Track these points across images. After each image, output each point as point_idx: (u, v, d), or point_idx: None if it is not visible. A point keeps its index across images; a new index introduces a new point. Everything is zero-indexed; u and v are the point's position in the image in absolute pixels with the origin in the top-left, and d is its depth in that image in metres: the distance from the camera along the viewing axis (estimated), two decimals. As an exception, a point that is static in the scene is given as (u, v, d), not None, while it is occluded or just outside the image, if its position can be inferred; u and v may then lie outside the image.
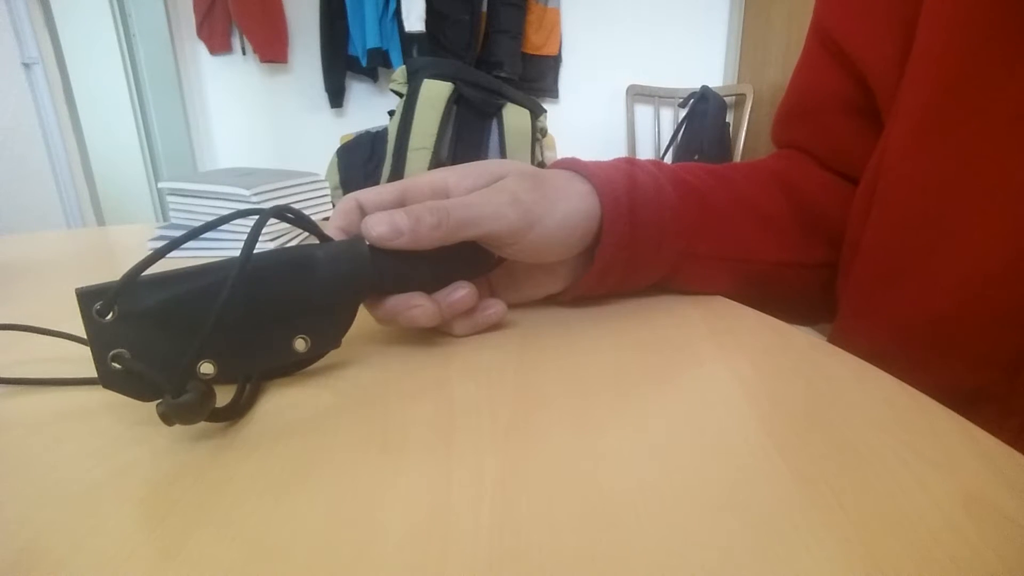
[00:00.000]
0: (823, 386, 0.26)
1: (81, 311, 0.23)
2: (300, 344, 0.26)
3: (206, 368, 0.24)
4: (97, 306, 0.22)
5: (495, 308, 0.32)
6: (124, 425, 0.24)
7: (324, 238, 0.29)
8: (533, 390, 0.26)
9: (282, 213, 0.26)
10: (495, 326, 0.33)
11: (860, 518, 0.18)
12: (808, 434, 0.22)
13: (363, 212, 0.31)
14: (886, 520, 0.18)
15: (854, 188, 0.44)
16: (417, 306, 0.29)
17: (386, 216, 0.28)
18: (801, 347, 0.30)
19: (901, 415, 0.24)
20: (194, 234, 0.24)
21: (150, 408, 0.25)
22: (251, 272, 0.24)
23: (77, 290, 0.23)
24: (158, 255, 0.23)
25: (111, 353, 0.23)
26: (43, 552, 0.17)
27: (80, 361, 0.29)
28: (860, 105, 0.42)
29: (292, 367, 0.28)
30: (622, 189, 0.34)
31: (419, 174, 0.33)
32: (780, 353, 0.30)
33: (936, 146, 0.34)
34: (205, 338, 0.22)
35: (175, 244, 0.24)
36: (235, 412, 0.24)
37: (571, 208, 0.32)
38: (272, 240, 0.54)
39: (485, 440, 0.22)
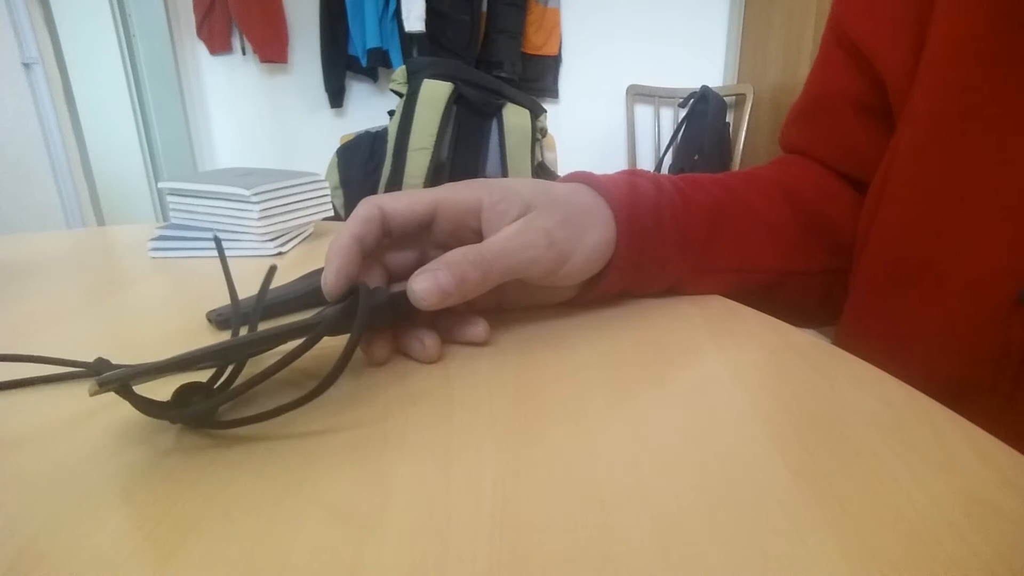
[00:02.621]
0: (823, 386, 0.26)
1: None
2: None
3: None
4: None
5: (479, 328, 0.31)
6: (124, 426, 0.24)
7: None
8: (533, 390, 0.26)
9: (334, 329, 0.27)
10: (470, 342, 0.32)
11: (860, 518, 0.18)
12: (808, 434, 0.22)
13: (385, 223, 0.30)
14: (886, 520, 0.18)
15: (856, 193, 0.44)
16: (420, 344, 0.29)
17: (432, 281, 0.27)
18: (801, 347, 0.30)
19: (901, 415, 0.24)
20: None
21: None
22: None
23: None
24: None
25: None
26: (43, 552, 0.17)
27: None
28: (873, 105, 0.42)
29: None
30: (636, 213, 0.34)
31: (449, 186, 0.32)
32: (780, 353, 0.30)
33: (944, 151, 0.34)
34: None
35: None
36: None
37: (596, 238, 0.33)
38: (271, 240, 0.54)
39: (485, 440, 0.22)
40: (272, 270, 0.30)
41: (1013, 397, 0.33)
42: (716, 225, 0.38)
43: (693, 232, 0.37)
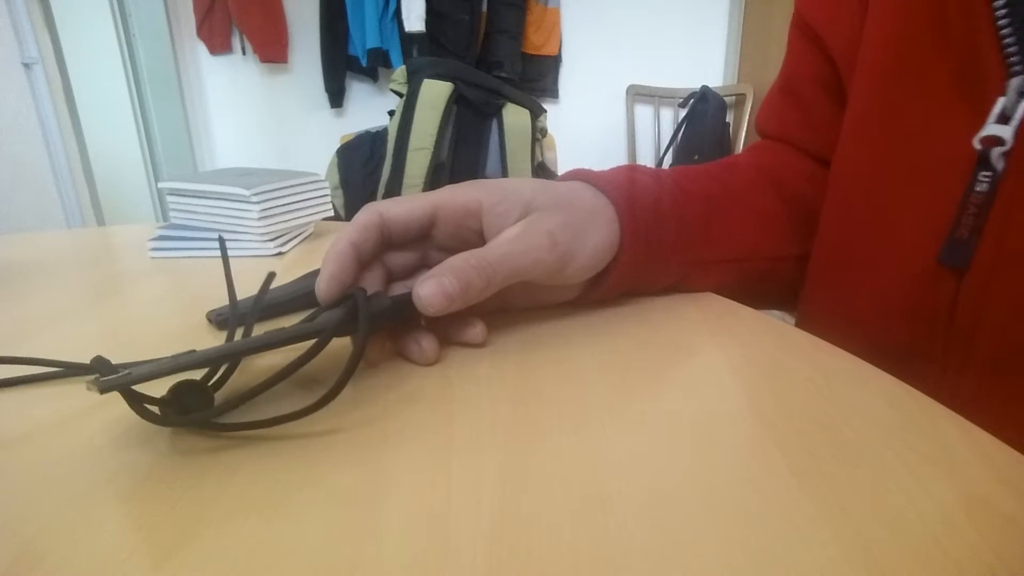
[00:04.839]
0: (823, 386, 0.26)
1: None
2: None
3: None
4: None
5: (477, 329, 0.31)
6: (124, 426, 0.24)
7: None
8: (533, 390, 0.26)
9: (340, 333, 0.27)
10: (467, 344, 0.32)
11: (860, 518, 0.18)
12: (808, 434, 0.22)
13: (385, 229, 0.30)
14: (886, 520, 0.18)
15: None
16: (418, 347, 0.29)
17: (437, 287, 0.27)
18: (801, 347, 0.30)
19: (901, 415, 0.24)
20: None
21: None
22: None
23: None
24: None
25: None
26: (43, 552, 0.17)
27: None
28: (833, 83, 0.43)
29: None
30: (638, 210, 0.34)
31: (448, 189, 0.32)
32: (780, 353, 0.30)
33: (875, 126, 0.37)
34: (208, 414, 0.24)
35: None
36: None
37: (600, 238, 0.32)
38: (271, 240, 0.54)
39: (485, 440, 0.22)
40: (270, 277, 0.30)
41: (947, 363, 0.34)
42: (712, 217, 0.38)
43: (693, 225, 0.37)
